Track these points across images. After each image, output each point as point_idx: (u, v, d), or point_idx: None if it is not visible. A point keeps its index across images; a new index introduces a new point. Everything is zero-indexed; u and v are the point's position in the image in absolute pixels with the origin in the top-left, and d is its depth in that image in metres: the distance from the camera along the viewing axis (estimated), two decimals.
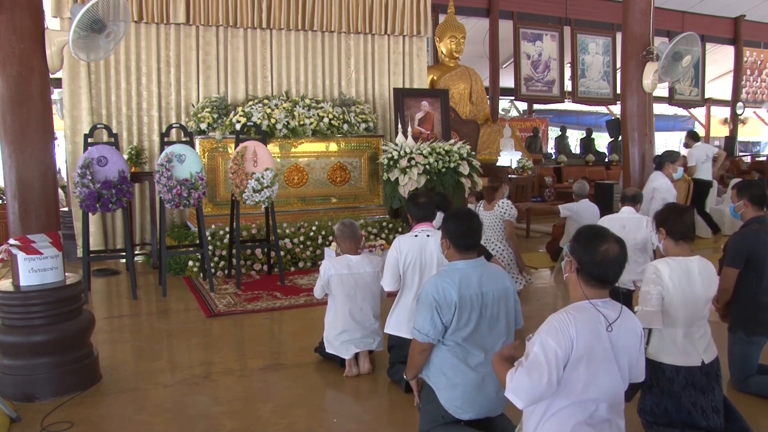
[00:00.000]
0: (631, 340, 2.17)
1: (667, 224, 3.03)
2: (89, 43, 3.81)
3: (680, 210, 3.08)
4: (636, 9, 5.70)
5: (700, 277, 2.91)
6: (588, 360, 2.05)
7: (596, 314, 2.09)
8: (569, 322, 2.06)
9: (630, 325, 2.18)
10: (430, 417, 2.80)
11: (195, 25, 7.87)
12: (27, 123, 3.46)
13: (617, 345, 2.11)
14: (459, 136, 9.23)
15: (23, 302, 3.48)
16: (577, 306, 2.14)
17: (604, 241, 2.11)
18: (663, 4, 13.04)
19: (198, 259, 6.66)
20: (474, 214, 2.87)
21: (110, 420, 3.28)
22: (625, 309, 2.19)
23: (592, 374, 2.06)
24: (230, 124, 7.31)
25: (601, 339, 2.08)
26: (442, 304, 2.66)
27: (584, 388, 2.07)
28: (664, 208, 3.17)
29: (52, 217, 3.60)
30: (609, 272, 2.10)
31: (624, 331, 2.14)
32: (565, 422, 2.08)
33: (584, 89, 13.65)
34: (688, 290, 2.88)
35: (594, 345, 2.06)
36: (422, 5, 9.08)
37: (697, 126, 20.56)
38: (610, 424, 2.14)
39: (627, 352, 2.15)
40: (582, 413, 2.08)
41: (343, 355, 3.83)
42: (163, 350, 4.44)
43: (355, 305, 3.83)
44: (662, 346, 2.94)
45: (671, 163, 5.84)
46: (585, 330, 2.06)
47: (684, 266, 2.91)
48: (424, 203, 3.72)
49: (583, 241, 2.14)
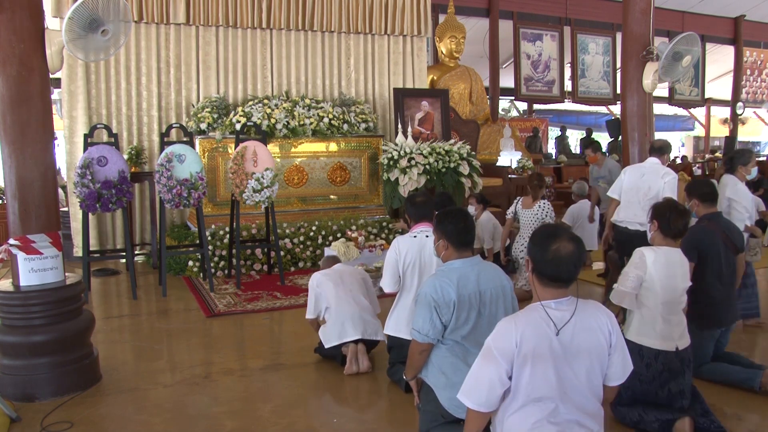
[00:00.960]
0: (591, 340, 2.12)
1: (662, 221, 3.17)
2: (88, 43, 3.80)
3: (680, 212, 3.19)
4: (636, 9, 5.69)
5: (681, 269, 3.12)
6: (534, 360, 2.06)
7: (544, 316, 2.10)
8: (513, 325, 2.10)
9: (590, 324, 2.13)
10: (429, 416, 2.80)
11: (195, 25, 7.88)
12: (27, 123, 3.46)
13: (570, 346, 2.09)
14: (459, 136, 9.24)
15: (23, 302, 3.47)
16: (527, 308, 2.17)
17: (556, 239, 2.10)
18: (663, 4, 13.05)
19: (198, 259, 6.66)
20: (466, 213, 2.90)
21: (110, 420, 3.28)
22: (585, 308, 2.14)
23: (539, 374, 2.07)
24: (230, 124, 7.31)
25: (549, 340, 2.07)
26: (441, 303, 2.67)
27: (534, 388, 2.08)
28: (665, 204, 3.27)
29: (52, 217, 3.60)
30: (561, 271, 2.09)
31: (579, 331, 2.10)
32: (526, 419, 2.10)
33: (584, 89, 13.66)
34: (670, 279, 3.08)
35: (539, 346, 2.07)
36: (422, 5, 9.08)
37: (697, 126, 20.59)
38: (579, 425, 2.11)
39: (587, 353, 2.11)
40: (541, 412, 2.09)
41: (344, 339, 3.86)
42: (163, 350, 4.44)
43: (347, 295, 3.98)
44: (643, 330, 3.13)
45: (743, 165, 5.04)
46: (529, 332, 2.07)
47: (669, 256, 3.11)
48: (421, 203, 3.72)
49: (537, 241, 2.15)
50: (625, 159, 5.97)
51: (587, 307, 2.17)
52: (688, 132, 22.62)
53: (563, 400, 2.10)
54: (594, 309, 2.18)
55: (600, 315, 2.17)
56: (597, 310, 2.18)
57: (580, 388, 2.11)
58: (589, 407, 2.15)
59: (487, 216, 6.75)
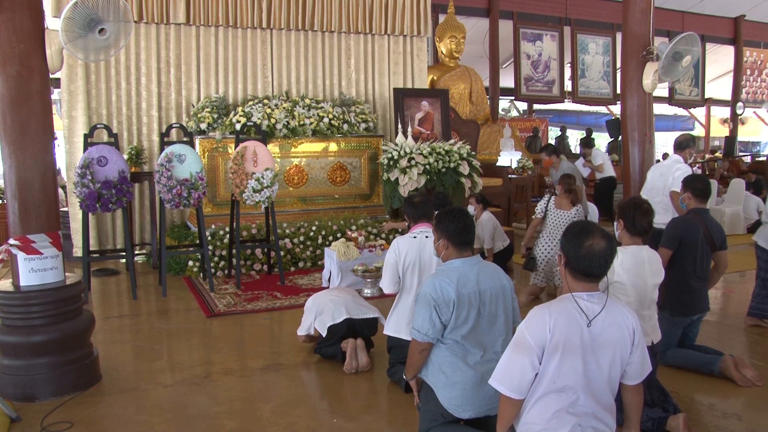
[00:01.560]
0: (617, 335, 2.20)
1: (627, 220, 3.28)
2: (88, 42, 3.80)
3: (643, 210, 3.28)
4: (636, 9, 5.69)
5: (649, 266, 3.20)
6: (564, 349, 2.13)
7: (576, 306, 2.17)
8: (546, 313, 2.17)
9: (617, 320, 2.21)
10: (429, 416, 2.80)
11: (195, 25, 7.87)
12: (27, 123, 3.46)
13: (599, 338, 2.17)
14: (459, 136, 9.24)
15: (23, 302, 3.47)
16: (560, 298, 2.24)
17: (590, 236, 2.19)
18: (663, 4, 13.05)
19: (198, 259, 6.66)
20: (466, 212, 2.90)
21: (110, 420, 3.28)
22: (613, 304, 2.23)
23: (568, 363, 2.13)
24: (230, 124, 7.31)
25: (580, 330, 2.15)
26: (441, 302, 2.67)
27: (560, 377, 2.14)
28: (628, 203, 3.38)
29: (52, 217, 3.60)
30: (594, 266, 2.17)
31: (608, 325, 2.19)
32: (546, 409, 2.16)
33: (584, 89, 13.66)
34: (639, 277, 3.15)
35: (571, 335, 2.14)
36: (422, 5, 9.08)
37: (697, 126, 20.59)
38: (596, 418, 2.17)
39: (612, 347, 2.19)
40: (561, 402, 2.15)
41: (337, 320, 3.94)
42: (163, 350, 4.44)
43: (338, 296, 4.13)
44: None
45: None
46: (562, 321, 2.14)
47: (637, 256, 3.18)
48: (420, 203, 3.73)
49: (571, 237, 2.23)
50: (625, 159, 5.97)
51: (614, 303, 2.26)
52: (688, 132, 22.64)
53: (585, 392, 2.16)
54: (621, 306, 2.28)
55: (626, 312, 2.26)
56: (623, 308, 2.28)
57: (600, 381, 2.19)
58: (605, 400, 2.22)
59: (487, 216, 6.75)
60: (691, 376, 3.75)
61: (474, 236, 2.89)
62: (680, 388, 3.58)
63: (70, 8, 3.72)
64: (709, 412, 3.31)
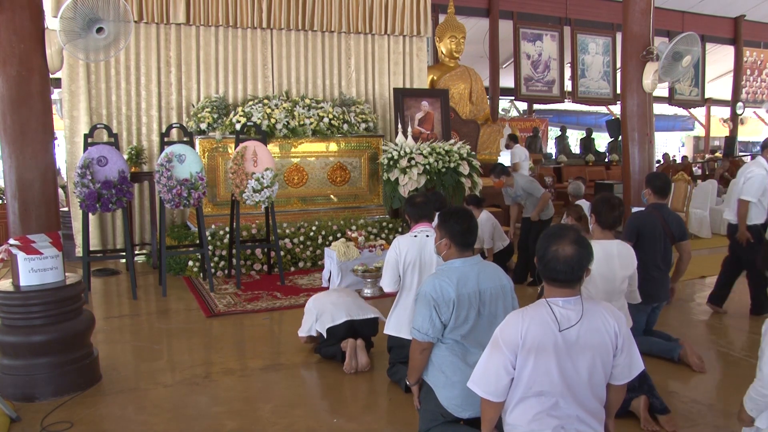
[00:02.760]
0: (597, 340, 2.14)
1: (598, 215, 3.52)
2: (88, 42, 3.81)
3: (612, 205, 3.53)
4: (636, 9, 5.69)
5: (618, 259, 3.38)
6: (537, 354, 2.10)
7: (550, 313, 2.13)
8: (520, 318, 2.15)
9: (596, 325, 2.15)
10: (429, 416, 2.80)
11: (195, 25, 7.87)
12: (27, 123, 3.46)
13: (575, 344, 2.12)
14: (459, 136, 9.23)
15: (23, 302, 3.47)
16: (536, 303, 2.22)
17: (557, 241, 2.12)
18: (663, 4, 13.05)
19: (198, 259, 6.66)
20: (471, 213, 2.91)
21: (110, 420, 3.28)
22: (593, 309, 2.17)
23: (542, 368, 2.11)
24: (230, 124, 7.31)
25: (553, 335, 2.11)
26: (440, 302, 2.68)
27: (535, 382, 2.12)
28: (599, 199, 3.61)
29: (52, 217, 3.60)
30: (558, 271, 2.10)
31: (586, 331, 2.13)
32: (527, 411, 2.16)
33: (584, 89, 13.65)
34: (607, 269, 3.32)
35: (544, 341, 2.11)
36: (422, 5, 9.08)
37: (697, 126, 20.59)
38: (580, 421, 2.15)
39: (591, 352, 2.14)
40: (540, 405, 2.14)
41: (336, 321, 3.95)
42: (163, 350, 4.44)
43: (338, 298, 4.15)
44: None
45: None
46: (534, 326, 2.12)
47: (606, 249, 3.35)
48: (421, 203, 3.74)
49: (541, 241, 2.19)
50: (625, 159, 5.97)
51: (596, 308, 2.19)
52: (688, 132, 22.63)
53: (563, 396, 2.13)
54: (602, 310, 2.20)
55: (608, 317, 2.19)
56: (605, 312, 2.20)
57: (581, 385, 2.15)
58: (589, 405, 2.18)
59: (486, 216, 6.74)
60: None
61: (476, 238, 2.90)
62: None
63: (68, 8, 3.72)
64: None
